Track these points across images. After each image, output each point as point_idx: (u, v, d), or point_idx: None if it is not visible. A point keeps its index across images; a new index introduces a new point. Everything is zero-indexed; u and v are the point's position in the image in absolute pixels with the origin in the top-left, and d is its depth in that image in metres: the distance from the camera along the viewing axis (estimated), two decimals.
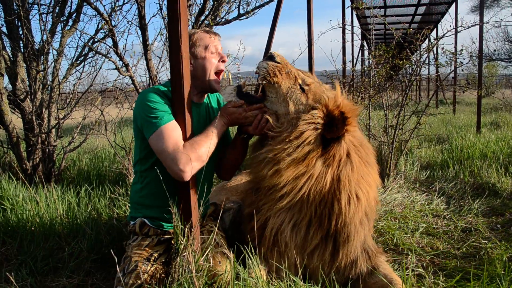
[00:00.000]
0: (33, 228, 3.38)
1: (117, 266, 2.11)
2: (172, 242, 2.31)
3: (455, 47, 8.23)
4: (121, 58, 4.75)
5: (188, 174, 2.24)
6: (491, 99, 20.35)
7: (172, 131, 2.29)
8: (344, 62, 7.91)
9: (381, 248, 2.94)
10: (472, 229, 3.66)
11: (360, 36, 8.62)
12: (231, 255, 2.26)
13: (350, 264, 2.45)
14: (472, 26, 5.87)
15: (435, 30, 16.06)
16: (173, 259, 2.21)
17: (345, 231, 2.35)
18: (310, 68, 6.13)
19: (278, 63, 2.55)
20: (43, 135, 5.04)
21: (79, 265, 2.99)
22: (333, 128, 2.32)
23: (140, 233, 2.54)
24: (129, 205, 3.87)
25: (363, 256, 2.48)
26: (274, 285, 2.26)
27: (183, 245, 2.16)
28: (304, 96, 2.45)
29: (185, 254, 2.13)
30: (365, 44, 13.49)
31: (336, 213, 2.31)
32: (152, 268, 2.33)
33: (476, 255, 3.11)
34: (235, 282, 2.05)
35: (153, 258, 2.41)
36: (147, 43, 4.73)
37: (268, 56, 2.62)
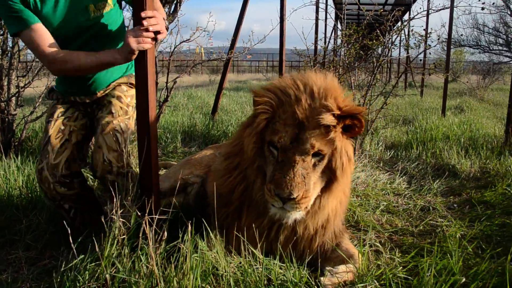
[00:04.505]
0: None
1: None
2: (89, 109, 2.80)
3: (426, 30, 8.34)
4: None
5: None
6: (457, 84, 20.88)
7: None
8: (316, 41, 7.88)
9: (345, 226, 2.99)
10: (431, 207, 3.77)
11: (333, 17, 8.62)
12: (189, 228, 2.25)
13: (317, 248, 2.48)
14: (442, 9, 5.97)
15: (407, 13, 16.18)
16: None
17: None
18: (281, 44, 6.08)
19: None
20: (3, 103, 4.83)
21: (37, 238, 2.91)
22: None
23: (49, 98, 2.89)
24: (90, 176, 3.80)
25: (330, 237, 2.51)
26: (233, 258, 2.27)
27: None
28: None
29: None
30: (338, 25, 13.45)
31: None
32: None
33: (432, 233, 3.21)
34: (193, 256, 2.03)
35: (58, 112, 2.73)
36: None
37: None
